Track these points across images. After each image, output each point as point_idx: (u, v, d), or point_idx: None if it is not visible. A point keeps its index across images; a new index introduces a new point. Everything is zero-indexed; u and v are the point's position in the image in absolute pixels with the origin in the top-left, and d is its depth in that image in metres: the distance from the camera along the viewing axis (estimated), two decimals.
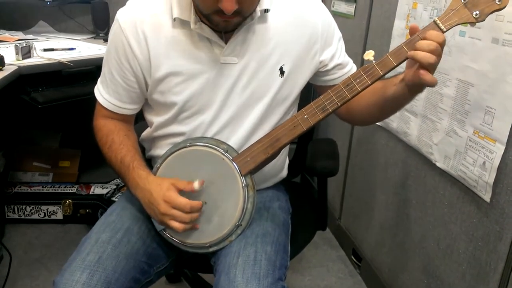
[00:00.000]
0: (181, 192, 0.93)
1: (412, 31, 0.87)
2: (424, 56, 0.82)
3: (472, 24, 0.87)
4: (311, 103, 0.92)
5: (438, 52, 0.83)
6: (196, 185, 0.94)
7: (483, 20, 0.87)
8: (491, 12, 0.86)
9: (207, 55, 0.97)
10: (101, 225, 1.00)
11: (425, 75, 0.83)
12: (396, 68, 0.90)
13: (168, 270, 1.08)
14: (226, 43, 0.97)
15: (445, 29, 0.86)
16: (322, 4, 1.06)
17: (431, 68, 0.84)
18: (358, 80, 0.89)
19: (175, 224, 0.93)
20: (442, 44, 0.84)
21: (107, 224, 1.00)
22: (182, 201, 0.92)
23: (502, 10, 1.02)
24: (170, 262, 1.07)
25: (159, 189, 0.93)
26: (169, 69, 0.98)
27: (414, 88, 0.89)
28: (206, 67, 0.98)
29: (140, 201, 0.98)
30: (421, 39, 0.84)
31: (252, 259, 0.92)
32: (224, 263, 0.93)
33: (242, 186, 0.95)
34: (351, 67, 1.12)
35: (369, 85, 0.89)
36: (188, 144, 0.99)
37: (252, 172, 0.97)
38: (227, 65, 0.98)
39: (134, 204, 1.06)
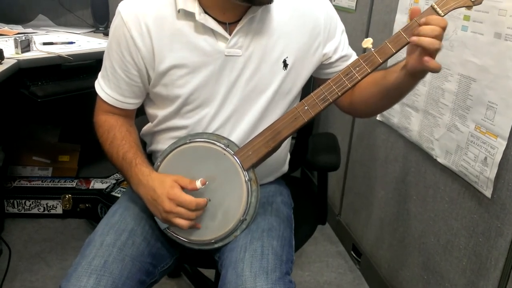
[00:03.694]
0: (184, 189, 0.93)
1: (413, 14, 0.86)
2: (431, 42, 0.81)
3: (469, 7, 0.86)
4: (311, 94, 0.92)
5: (441, 37, 0.83)
6: (198, 184, 0.92)
7: (480, 3, 0.86)
8: None
9: (211, 47, 0.97)
10: (104, 226, 0.99)
11: (430, 61, 0.82)
12: (396, 55, 0.89)
13: (172, 268, 1.07)
14: (230, 35, 0.96)
15: (443, 14, 0.85)
16: None
17: (435, 53, 0.83)
18: (357, 68, 0.89)
19: (180, 222, 0.91)
20: (444, 29, 0.83)
21: (110, 226, 0.98)
22: (187, 198, 0.91)
23: (505, 5, 1.02)
24: (174, 260, 1.06)
25: (163, 187, 0.92)
26: (173, 61, 0.97)
27: (417, 74, 0.88)
28: (210, 59, 0.97)
29: (142, 198, 0.97)
30: (422, 25, 0.83)
31: (259, 253, 0.92)
32: (231, 257, 0.93)
33: (245, 180, 0.95)
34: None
35: (369, 73, 0.89)
36: (188, 141, 0.98)
37: (254, 166, 0.96)
38: (231, 57, 0.98)
39: (136, 204, 1.05)
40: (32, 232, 2.04)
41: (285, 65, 1.01)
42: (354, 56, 1.11)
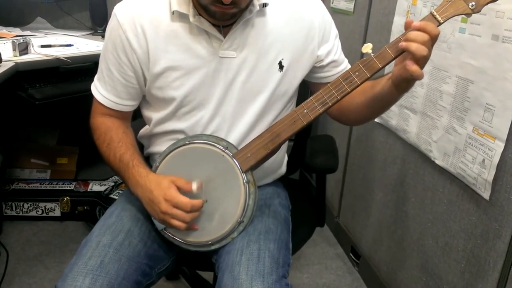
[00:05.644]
0: (181, 190, 0.93)
1: (407, 26, 0.86)
2: (417, 48, 0.81)
3: (468, 15, 0.87)
4: (311, 98, 0.92)
5: (429, 45, 0.82)
6: (194, 187, 0.93)
7: (479, 11, 0.86)
8: (487, 3, 0.86)
9: (205, 49, 0.97)
10: (101, 227, 0.99)
11: (411, 65, 0.82)
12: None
13: (169, 270, 1.07)
14: (224, 37, 0.97)
15: (442, 21, 0.85)
16: (320, 1, 1.07)
17: (422, 61, 0.83)
18: (357, 73, 0.89)
19: (176, 223, 0.92)
20: (434, 38, 0.83)
21: (107, 227, 0.98)
22: (183, 200, 0.91)
23: (502, 7, 1.02)
24: (171, 262, 1.06)
25: (160, 188, 0.92)
26: (167, 63, 0.98)
27: (401, 84, 0.88)
28: (205, 61, 0.98)
29: (140, 199, 0.97)
30: (416, 30, 0.83)
31: (255, 256, 0.92)
32: (227, 260, 0.93)
33: (243, 182, 0.95)
34: (346, 66, 1.12)
35: (368, 78, 0.89)
36: (187, 142, 0.99)
37: (253, 168, 0.96)
38: (226, 59, 0.98)
39: (134, 205, 1.05)
40: (30, 234, 2.04)
41: (281, 66, 1.01)
42: (345, 63, 1.12)
